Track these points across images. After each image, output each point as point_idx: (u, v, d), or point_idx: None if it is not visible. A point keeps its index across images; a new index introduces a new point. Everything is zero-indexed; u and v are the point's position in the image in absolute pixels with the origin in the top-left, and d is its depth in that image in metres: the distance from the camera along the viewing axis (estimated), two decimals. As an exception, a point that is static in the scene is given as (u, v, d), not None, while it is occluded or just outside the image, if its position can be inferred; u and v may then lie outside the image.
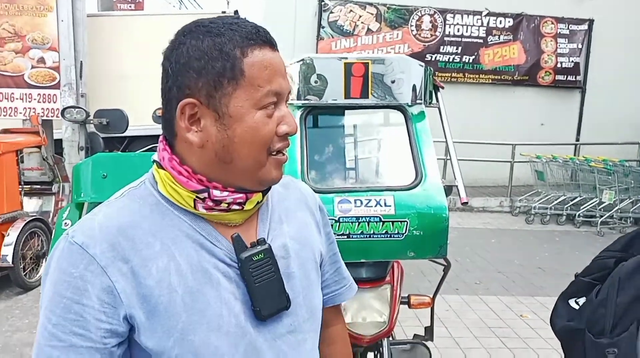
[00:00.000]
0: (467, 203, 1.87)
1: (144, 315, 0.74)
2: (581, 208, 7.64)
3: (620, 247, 1.17)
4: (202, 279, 0.78)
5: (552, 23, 9.59)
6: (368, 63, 1.92)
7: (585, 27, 9.65)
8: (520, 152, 8.54)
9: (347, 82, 1.92)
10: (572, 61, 9.71)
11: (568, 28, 9.64)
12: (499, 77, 9.64)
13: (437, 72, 9.36)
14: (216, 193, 0.79)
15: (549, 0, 9.47)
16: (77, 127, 5.19)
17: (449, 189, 1.98)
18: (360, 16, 9.22)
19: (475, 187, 9.50)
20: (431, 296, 2.23)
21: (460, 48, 9.45)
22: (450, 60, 9.48)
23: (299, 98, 2.01)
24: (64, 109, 2.81)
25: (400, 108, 2.01)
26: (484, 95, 9.68)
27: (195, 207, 0.80)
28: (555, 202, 7.85)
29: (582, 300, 1.21)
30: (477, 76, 9.59)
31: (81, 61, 5.96)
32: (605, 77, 9.61)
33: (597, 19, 9.58)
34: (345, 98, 1.95)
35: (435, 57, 9.42)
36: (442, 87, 2.19)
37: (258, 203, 0.84)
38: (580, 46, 9.70)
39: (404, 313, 3.68)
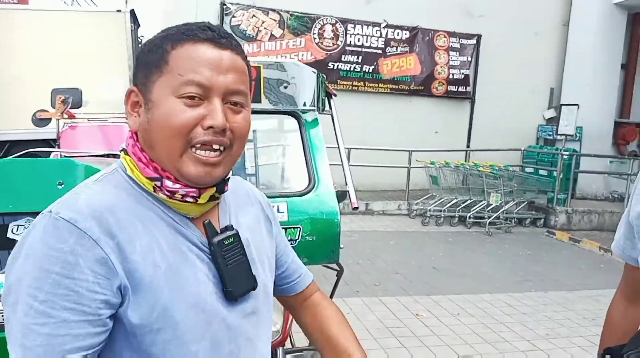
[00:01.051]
0: (357, 208, 1.90)
1: (130, 290, 0.77)
2: (471, 210, 8.19)
3: None
4: (179, 258, 0.82)
5: (445, 37, 10.22)
6: (260, 67, 1.89)
7: (474, 41, 10.40)
8: (417, 158, 8.98)
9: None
10: (463, 73, 10.41)
11: (459, 42, 10.32)
12: (397, 87, 10.08)
13: (338, 81, 9.61)
14: (168, 183, 0.82)
15: (442, 15, 10.09)
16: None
17: (342, 195, 2.00)
18: (263, 22, 9.19)
19: (376, 191, 9.84)
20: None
21: (360, 58, 9.76)
22: (352, 69, 9.75)
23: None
24: None
25: (294, 114, 2.00)
26: (383, 103, 10.07)
27: (155, 192, 0.84)
28: (449, 205, 8.34)
29: None
30: (376, 85, 9.95)
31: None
32: (492, 89, 10.43)
33: (484, 34, 10.37)
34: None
35: (337, 66, 9.65)
36: (335, 95, 2.22)
37: (213, 197, 0.87)
38: (469, 59, 10.43)
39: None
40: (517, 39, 10.45)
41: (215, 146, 0.82)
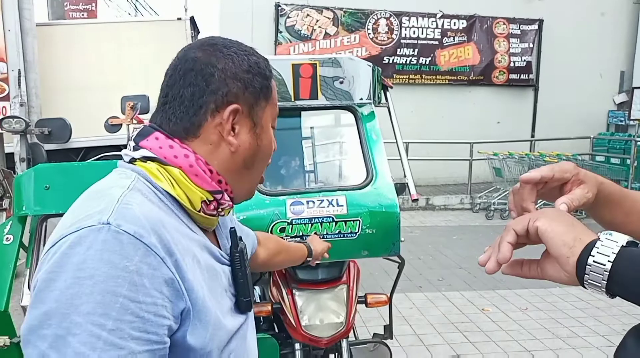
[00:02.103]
0: (417, 199, 1.89)
1: (192, 312, 0.72)
2: (539, 202, 7.86)
3: None
4: (212, 275, 0.81)
5: (504, 24, 9.87)
6: (316, 64, 1.93)
7: (535, 27, 9.98)
8: (478, 150, 8.74)
9: (296, 84, 1.92)
10: (525, 60, 10.02)
11: (519, 28, 9.94)
12: (455, 78, 9.85)
13: (394, 75, 9.52)
14: (226, 198, 0.83)
15: (500, 2, 9.76)
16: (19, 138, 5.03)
17: (401, 187, 2.00)
18: (317, 20, 9.27)
19: (436, 186, 9.67)
20: (388, 294, 2.25)
21: (416, 50, 9.62)
22: (408, 62, 9.63)
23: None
24: (2, 119, 2.70)
25: (350, 108, 2.02)
26: (442, 95, 9.87)
27: (199, 208, 0.81)
28: (513, 197, 8.05)
29: None
30: (434, 77, 9.77)
31: (19, 69, 5.76)
32: (556, 75, 9.96)
33: (546, 18, 9.93)
34: (295, 99, 1.95)
35: (393, 60, 9.56)
36: (391, 87, 2.22)
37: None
38: (531, 45, 10.02)
39: (368, 313, 3.71)
40: (582, 21, 9.92)
41: None
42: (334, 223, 1.79)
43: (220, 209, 0.84)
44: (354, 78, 1.98)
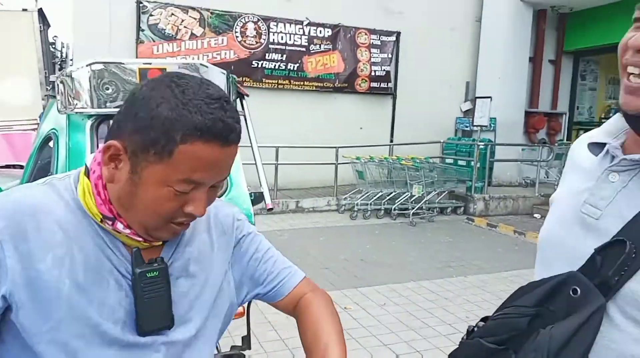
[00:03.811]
0: (272, 209, 1.91)
1: (26, 296, 0.77)
2: (396, 202, 8.47)
3: (534, 301, 0.84)
4: (92, 279, 0.82)
5: (366, 34, 10.45)
6: (165, 69, 1.86)
7: (393, 38, 10.71)
8: (343, 154, 9.15)
9: (143, 90, 1.83)
10: (384, 70, 10.70)
11: (379, 39, 10.59)
12: (322, 85, 10.19)
13: (263, 79, 9.58)
14: (119, 226, 0.83)
15: (362, 13, 10.31)
16: None
17: (258, 197, 2.01)
18: (182, 20, 8.97)
19: (306, 189, 9.92)
20: (245, 305, 2.24)
21: (285, 56, 9.77)
22: (276, 67, 9.74)
23: (92, 106, 1.87)
24: None
25: (203, 116, 1.98)
26: (309, 101, 10.15)
27: (102, 221, 0.84)
28: (375, 198, 8.58)
29: None
30: (302, 83, 10.00)
31: None
32: (412, 84, 10.80)
33: (403, 31, 10.71)
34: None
35: (262, 64, 9.60)
36: (247, 95, 2.22)
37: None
38: (390, 56, 10.73)
39: (234, 323, 3.67)
40: (434, 35, 10.89)
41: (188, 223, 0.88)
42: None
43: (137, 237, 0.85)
44: (206, 86, 1.94)
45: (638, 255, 0.75)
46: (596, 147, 0.91)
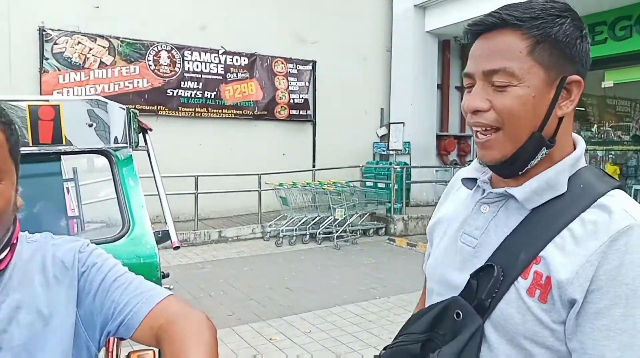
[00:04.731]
0: (178, 247, 1.85)
1: None
2: (320, 226, 8.53)
3: (425, 327, 0.90)
4: None
5: (283, 63, 10.59)
6: (59, 106, 1.76)
7: (309, 67, 10.94)
8: (266, 181, 9.12)
9: (35, 127, 1.72)
10: (302, 97, 10.88)
11: (296, 68, 10.77)
12: (241, 112, 10.15)
13: (180, 108, 9.39)
14: None
15: (278, 42, 10.46)
16: None
17: (165, 235, 1.94)
18: (90, 49, 8.61)
19: (229, 217, 9.75)
20: (156, 350, 2.13)
21: (201, 84, 9.65)
22: (193, 95, 9.59)
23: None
24: None
25: (104, 153, 1.90)
26: (229, 129, 10.06)
27: None
28: (299, 223, 8.59)
29: None
30: (220, 111, 9.91)
31: None
32: (330, 111, 11.05)
33: (318, 60, 10.98)
34: (34, 144, 1.74)
35: (177, 93, 9.42)
36: (150, 130, 2.15)
37: None
38: (307, 84, 10.94)
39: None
40: (348, 64, 11.25)
41: None
42: (85, 280, 1.63)
43: None
44: (107, 120, 1.86)
45: (505, 278, 0.83)
46: (469, 181, 0.99)
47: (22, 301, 0.85)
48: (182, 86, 9.45)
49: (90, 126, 1.83)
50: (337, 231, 8.37)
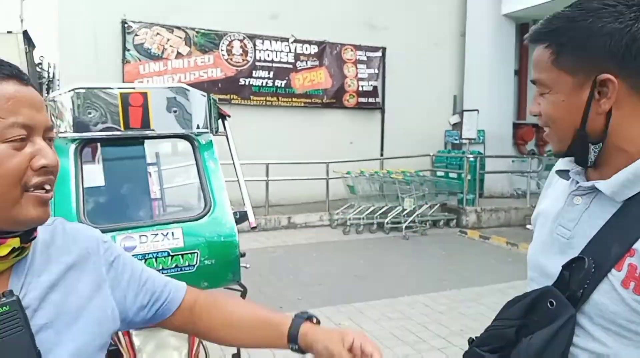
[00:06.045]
0: (255, 227, 1.90)
1: None
2: (388, 216, 8.46)
3: (520, 313, 0.96)
4: None
5: (352, 50, 10.54)
6: (147, 93, 1.85)
7: (379, 54, 10.81)
8: (333, 169, 9.16)
9: (125, 113, 1.82)
10: (371, 85, 10.78)
11: (365, 55, 10.68)
12: (310, 101, 10.23)
13: (251, 96, 9.60)
14: None
15: (347, 29, 10.40)
16: None
17: (242, 216, 1.99)
18: (168, 39, 8.99)
19: (298, 204, 9.89)
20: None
21: (272, 72, 9.81)
22: (264, 84, 9.78)
23: (75, 131, 1.85)
24: None
25: (187, 137, 1.97)
26: (298, 117, 10.18)
27: None
28: (367, 212, 8.56)
29: None
30: (290, 100, 10.04)
31: None
32: (400, 99, 10.87)
33: (388, 46, 10.81)
34: (125, 129, 1.84)
35: (249, 82, 9.63)
36: (229, 116, 2.22)
37: (15, 249, 0.79)
38: (377, 71, 10.82)
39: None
40: (419, 49, 11.00)
41: (47, 187, 0.79)
42: (170, 258, 1.71)
43: None
44: (189, 107, 1.93)
45: (597, 270, 0.86)
46: (564, 173, 1.02)
47: (49, 282, 0.87)
48: (253, 75, 9.66)
49: (175, 112, 1.91)
50: (405, 222, 8.26)
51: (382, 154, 10.79)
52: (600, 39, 0.85)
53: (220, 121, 2.21)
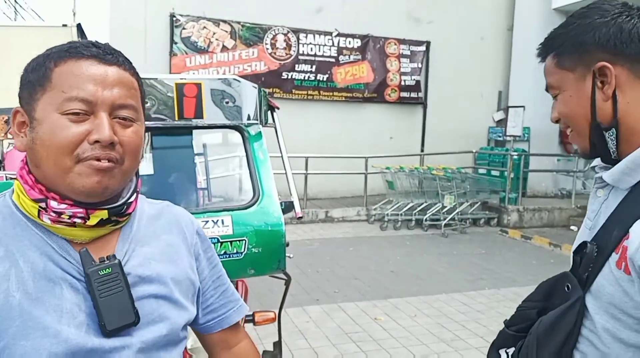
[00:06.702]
0: (301, 217, 1.94)
1: None
2: (427, 212, 8.38)
3: (541, 296, 1.06)
4: (44, 288, 0.80)
5: (395, 44, 10.45)
6: (201, 84, 1.92)
7: (423, 48, 10.68)
8: (372, 164, 9.13)
9: (180, 103, 1.89)
10: (414, 79, 10.67)
11: (409, 49, 10.58)
12: (352, 95, 10.23)
13: (293, 90, 9.68)
14: (53, 203, 0.81)
15: (391, 23, 10.33)
16: None
17: (289, 206, 2.04)
18: (214, 33, 9.17)
19: (335, 198, 9.94)
20: (276, 311, 2.27)
21: (314, 67, 9.86)
22: (306, 78, 9.84)
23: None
24: None
25: (237, 128, 2.03)
26: (339, 111, 10.20)
27: (39, 217, 0.82)
28: (405, 209, 8.51)
29: (511, 350, 1.12)
30: (331, 94, 10.06)
31: None
32: (443, 94, 10.73)
33: (432, 41, 10.67)
34: (179, 119, 1.92)
35: (292, 75, 9.71)
36: (278, 108, 2.26)
37: (104, 220, 0.84)
38: (420, 66, 10.70)
39: (264, 330, 3.70)
40: (464, 44, 10.80)
41: (105, 161, 0.81)
42: (220, 244, 1.78)
43: (68, 218, 0.82)
44: (240, 98, 1.99)
45: (601, 254, 0.92)
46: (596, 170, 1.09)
47: (152, 254, 0.91)
48: (296, 68, 9.73)
49: (226, 103, 1.96)
50: (444, 219, 8.17)
51: (422, 150, 10.68)
52: (589, 33, 0.94)
53: (269, 113, 2.26)
